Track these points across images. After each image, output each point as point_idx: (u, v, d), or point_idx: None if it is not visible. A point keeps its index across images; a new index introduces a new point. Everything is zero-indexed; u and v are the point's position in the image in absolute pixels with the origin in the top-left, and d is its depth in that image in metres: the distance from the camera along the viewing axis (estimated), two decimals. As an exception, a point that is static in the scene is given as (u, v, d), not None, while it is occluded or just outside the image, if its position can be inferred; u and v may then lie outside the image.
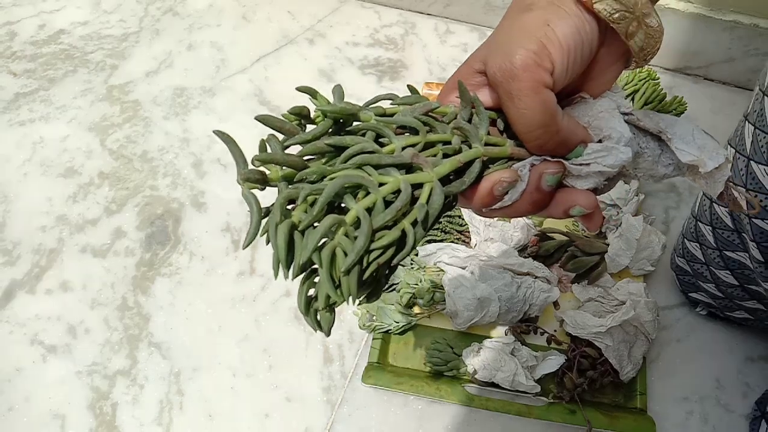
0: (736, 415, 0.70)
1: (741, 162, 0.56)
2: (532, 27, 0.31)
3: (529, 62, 0.30)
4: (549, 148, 0.33)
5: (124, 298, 0.77)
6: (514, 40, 0.31)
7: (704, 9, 0.90)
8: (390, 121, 0.32)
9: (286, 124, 0.32)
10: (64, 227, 0.83)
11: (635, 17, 0.33)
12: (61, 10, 1.08)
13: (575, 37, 0.32)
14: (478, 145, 0.32)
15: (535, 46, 0.31)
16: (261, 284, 0.78)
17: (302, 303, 0.29)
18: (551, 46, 0.31)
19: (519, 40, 0.31)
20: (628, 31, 0.33)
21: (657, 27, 0.34)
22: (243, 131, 0.94)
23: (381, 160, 0.29)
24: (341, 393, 0.71)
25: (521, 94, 0.31)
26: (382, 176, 0.29)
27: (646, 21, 0.33)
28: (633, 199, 0.80)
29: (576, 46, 0.32)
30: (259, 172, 0.30)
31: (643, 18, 0.33)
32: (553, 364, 0.69)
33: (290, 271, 0.28)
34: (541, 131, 0.32)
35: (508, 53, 0.31)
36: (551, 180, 0.33)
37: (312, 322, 0.29)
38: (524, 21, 0.31)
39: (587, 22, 0.32)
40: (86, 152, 0.90)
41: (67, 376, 0.72)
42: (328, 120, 0.32)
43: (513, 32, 0.32)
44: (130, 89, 0.97)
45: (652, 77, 0.86)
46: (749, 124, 0.56)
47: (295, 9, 1.08)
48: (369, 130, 0.32)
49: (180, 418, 0.70)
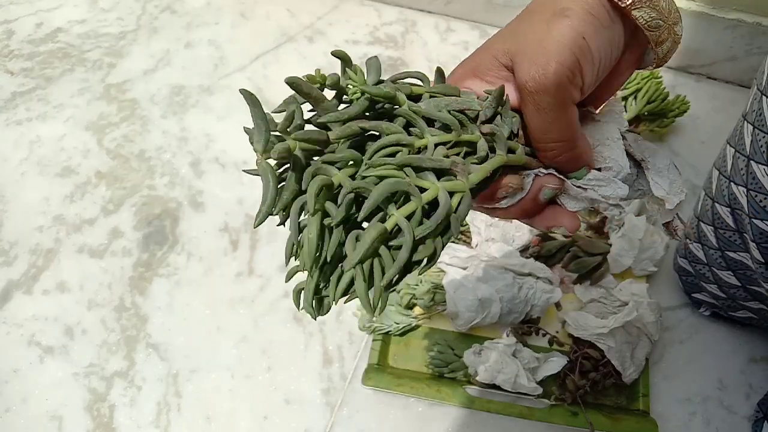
0: (739, 416, 0.69)
1: (741, 161, 0.56)
2: (567, 39, 0.31)
3: (563, 79, 0.30)
4: (559, 161, 0.34)
5: (121, 298, 0.77)
6: (548, 50, 0.31)
7: (707, 7, 0.89)
8: (426, 113, 0.31)
9: (314, 91, 0.30)
10: (61, 227, 0.82)
11: (667, 26, 0.33)
12: (58, 9, 1.07)
13: (606, 50, 0.32)
14: (502, 152, 0.32)
15: (570, 62, 0.30)
16: (260, 285, 0.78)
17: (310, 295, 0.28)
18: (585, 62, 0.31)
19: (553, 50, 0.31)
20: (660, 38, 0.33)
21: (680, 36, 0.35)
22: (241, 130, 0.93)
23: (422, 163, 0.28)
24: (341, 395, 0.70)
25: (550, 108, 0.31)
26: (419, 179, 0.28)
27: (674, 29, 0.34)
28: (636, 200, 0.79)
29: (605, 59, 0.32)
30: (285, 146, 0.28)
31: (672, 26, 0.33)
32: (555, 366, 0.69)
33: (311, 266, 0.27)
34: (559, 145, 0.33)
35: (542, 64, 0.31)
36: (548, 194, 0.34)
37: (314, 311, 0.28)
38: (559, 29, 0.31)
39: (617, 33, 0.32)
40: (83, 151, 0.90)
41: (64, 378, 0.71)
42: (364, 101, 0.31)
43: (547, 40, 0.31)
44: (127, 88, 0.97)
45: (655, 76, 0.85)
46: (748, 124, 0.55)
47: (294, 7, 1.08)
48: (401, 116, 0.31)
49: (178, 419, 0.69)
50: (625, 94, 0.85)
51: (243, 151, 0.90)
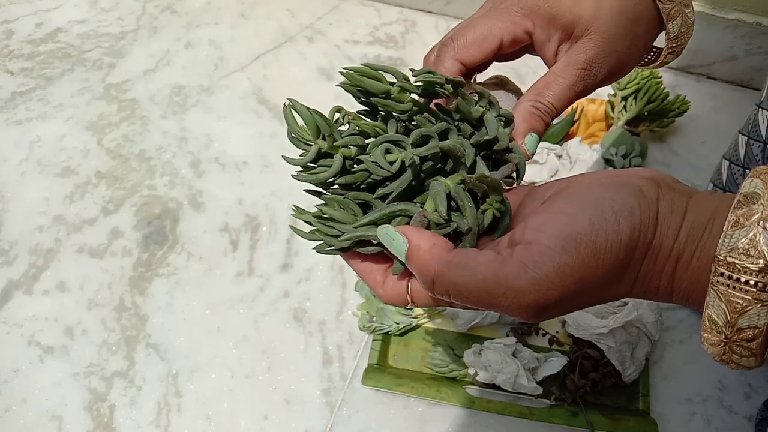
0: (739, 416, 0.69)
1: (756, 147, 0.57)
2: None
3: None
4: (547, 122, 0.38)
5: (121, 298, 0.77)
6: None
7: (707, 7, 0.89)
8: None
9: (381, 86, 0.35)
10: (61, 227, 0.82)
11: (678, 3, 0.37)
12: (58, 8, 1.07)
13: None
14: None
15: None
16: (260, 285, 0.78)
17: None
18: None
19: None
20: (670, 12, 0.37)
21: (691, 22, 0.38)
22: (241, 130, 0.93)
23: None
24: (341, 395, 0.70)
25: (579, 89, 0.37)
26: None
27: (685, 11, 0.37)
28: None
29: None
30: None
31: (683, 7, 0.37)
32: (555, 366, 0.69)
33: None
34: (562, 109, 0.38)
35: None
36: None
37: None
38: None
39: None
40: (83, 151, 0.90)
41: (64, 378, 0.71)
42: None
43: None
44: (127, 88, 0.97)
45: (655, 76, 0.85)
46: (763, 110, 0.56)
47: (294, 7, 1.08)
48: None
49: (178, 419, 0.69)
50: (625, 94, 0.85)
51: (243, 150, 0.90)
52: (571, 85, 0.36)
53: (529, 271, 0.28)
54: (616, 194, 0.29)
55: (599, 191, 0.29)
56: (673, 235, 0.29)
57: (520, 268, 0.28)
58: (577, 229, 0.28)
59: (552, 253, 0.28)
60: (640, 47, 0.38)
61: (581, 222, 0.28)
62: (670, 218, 0.29)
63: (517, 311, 0.29)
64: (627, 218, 0.28)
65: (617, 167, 0.80)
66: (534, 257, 0.28)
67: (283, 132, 0.91)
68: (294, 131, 0.34)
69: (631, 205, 0.28)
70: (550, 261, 0.28)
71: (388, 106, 0.35)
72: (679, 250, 0.29)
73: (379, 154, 0.33)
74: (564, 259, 0.28)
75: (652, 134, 0.88)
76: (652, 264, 0.29)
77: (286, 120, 0.34)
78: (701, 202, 0.29)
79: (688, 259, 0.29)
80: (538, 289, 0.28)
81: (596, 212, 0.28)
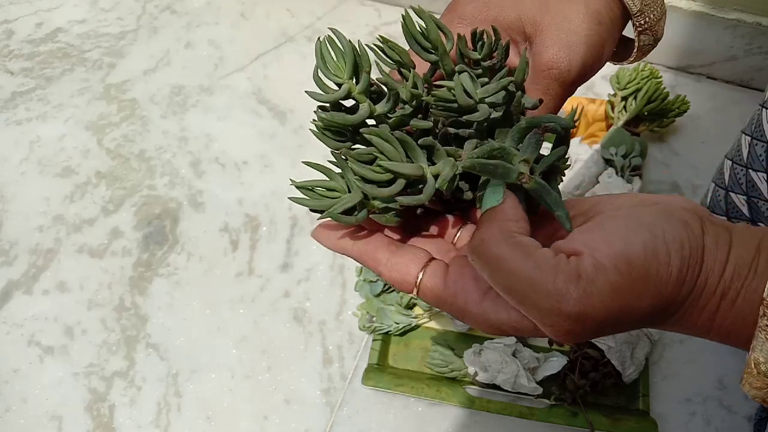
0: (739, 416, 0.69)
1: (759, 147, 0.56)
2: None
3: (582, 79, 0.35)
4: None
5: (121, 298, 0.77)
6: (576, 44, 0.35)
7: (707, 7, 0.89)
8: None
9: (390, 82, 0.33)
10: (61, 227, 0.82)
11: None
12: (58, 8, 1.07)
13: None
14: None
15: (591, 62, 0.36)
16: (260, 285, 0.78)
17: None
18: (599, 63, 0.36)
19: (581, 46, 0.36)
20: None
21: (664, 10, 0.36)
22: (241, 130, 0.93)
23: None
24: (341, 395, 0.70)
25: (559, 97, 0.35)
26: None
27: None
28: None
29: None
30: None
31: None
32: (555, 366, 0.69)
33: None
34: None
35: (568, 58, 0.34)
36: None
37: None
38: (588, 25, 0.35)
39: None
40: (83, 151, 0.90)
41: (64, 378, 0.71)
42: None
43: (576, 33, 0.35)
44: (127, 88, 0.97)
45: (655, 76, 0.85)
46: (766, 110, 0.56)
47: (294, 7, 1.08)
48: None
49: (178, 419, 0.69)
50: (625, 94, 0.85)
51: (243, 150, 0.90)
52: (544, 91, 0.34)
53: (581, 281, 0.26)
54: (668, 225, 0.27)
55: (649, 219, 0.28)
56: (719, 271, 0.28)
57: (574, 274, 0.27)
58: (631, 252, 0.27)
59: (606, 270, 0.26)
60: (606, 26, 0.35)
61: (635, 247, 0.27)
62: (716, 254, 0.28)
63: (549, 317, 0.27)
64: (678, 251, 0.27)
65: (617, 167, 0.80)
66: (588, 269, 0.27)
67: (284, 132, 0.91)
68: (330, 65, 0.32)
69: (681, 237, 0.27)
70: (604, 277, 0.26)
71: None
72: (725, 287, 0.28)
73: (467, 79, 0.31)
74: (617, 279, 0.26)
75: (652, 134, 0.88)
76: (696, 300, 0.28)
77: (318, 55, 0.32)
78: (744, 238, 0.28)
79: (733, 297, 0.28)
80: (585, 302, 0.26)
81: (650, 239, 0.27)
